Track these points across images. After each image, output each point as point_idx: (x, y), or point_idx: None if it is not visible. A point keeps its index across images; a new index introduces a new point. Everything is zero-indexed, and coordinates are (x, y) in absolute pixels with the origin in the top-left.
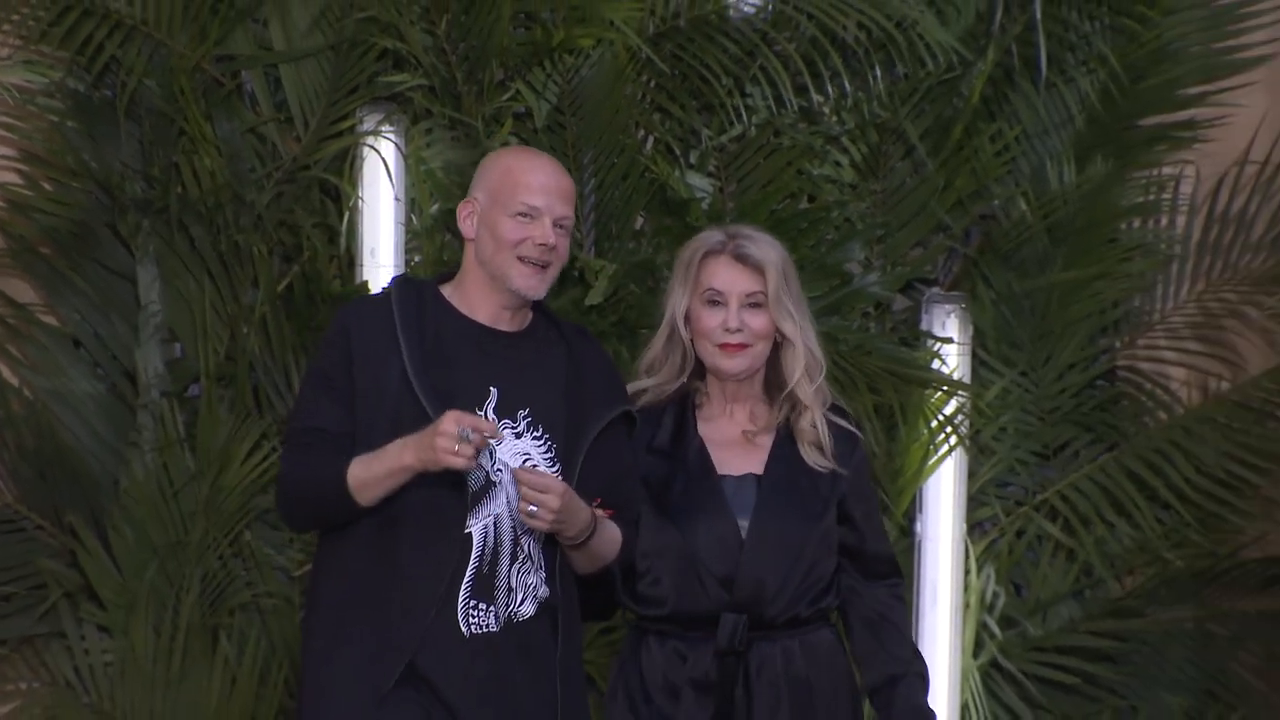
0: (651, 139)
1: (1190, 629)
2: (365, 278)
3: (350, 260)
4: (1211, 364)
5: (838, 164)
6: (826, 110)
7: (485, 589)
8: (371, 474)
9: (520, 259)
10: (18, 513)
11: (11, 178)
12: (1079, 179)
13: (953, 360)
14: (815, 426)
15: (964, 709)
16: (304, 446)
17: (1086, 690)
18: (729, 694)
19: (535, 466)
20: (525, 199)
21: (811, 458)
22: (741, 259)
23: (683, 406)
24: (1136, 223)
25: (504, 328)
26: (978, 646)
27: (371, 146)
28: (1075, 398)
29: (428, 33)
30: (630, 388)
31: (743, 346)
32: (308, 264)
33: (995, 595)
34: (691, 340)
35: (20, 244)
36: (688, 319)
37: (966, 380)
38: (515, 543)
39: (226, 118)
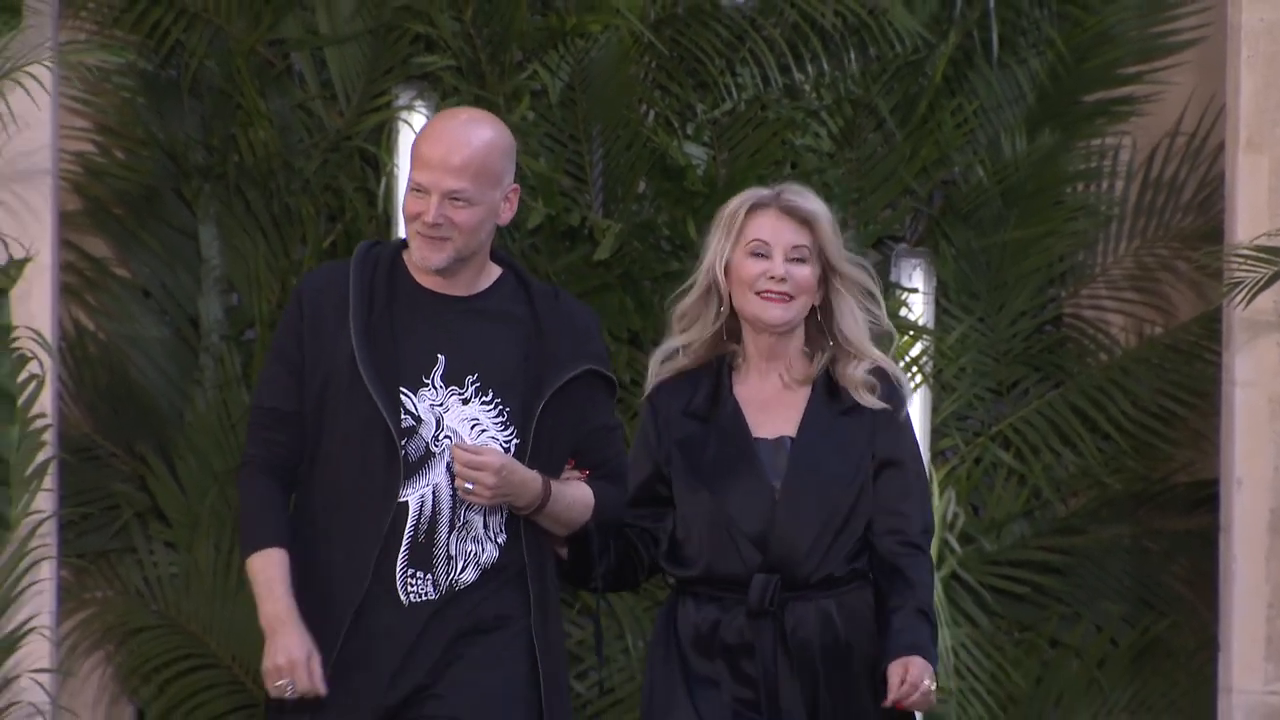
0: (653, 113)
1: (1127, 545)
2: (400, 235)
3: (387, 220)
4: (1146, 311)
5: (817, 135)
6: (807, 88)
7: (423, 558)
8: (254, 586)
9: (417, 233)
10: (95, 442)
11: (88, 147)
12: (1030, 148)
13: (918, 308)
14: (862, 372)
15: None
16: (262, 429)
17: (1036, 599)
18: (763, 655)
19: (484, 432)
20: (414, 174)
21: (864, 400)
22: (790, 211)
23: (719, 370)
24: (1080, 187)
25: (457, 292)
26: (940, 561)
27: (405, 120)
28: (1026, 341)
29: (456, 19)
30: (662, 348)
31: (787, 297)
32: (349, 223)
33: (956, 515)
34: (730, 292)
35: (96, 205)
36: (728, 271)
37: (930, 326)
38: (454, 511)
39: (278, 94)
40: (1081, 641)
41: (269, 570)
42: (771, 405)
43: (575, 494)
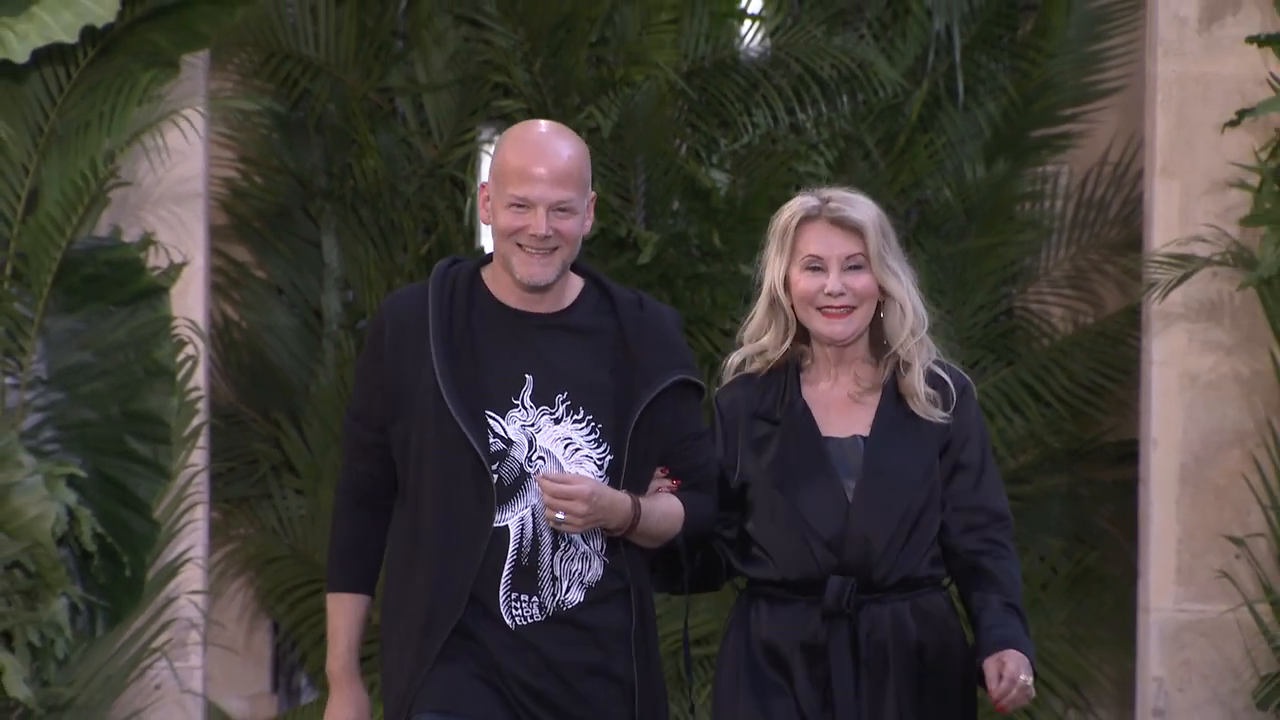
0: (685, 146)
1: (1065, 492)
2: (481, 244)
3: (471, 232)
4: (1080, 305)
5: (816, 164)
6: (809, 126)
7: (527, 580)
8: (328, 628)
9: (519, 246)
10: (238, 410)
11: (233, 174)
12: (987, 175)
13: None
14: (919, 379)
15: None
16: (349, 454)
17: None
18: (838, 658)
19: (578, 450)
20: (515, 190)
21: (921, 409)
22: (839, 222)
23: (787, 371)
24: (1027, 205)
25: (541, 309)
26: None
27: (487, 152)
28: (984, 329)
29: (527, 71)
30: (735, 356)
31: (848, 310)
32: (442, 235)
33: None
34: (793, 306)
35: (239, 221)
36: (787, 285)
37: None
38: (557, 531)
39: (385, 131)
40: (1028, 570)
41: (336, 619)
42: (842, 407)
43: (664, 508)
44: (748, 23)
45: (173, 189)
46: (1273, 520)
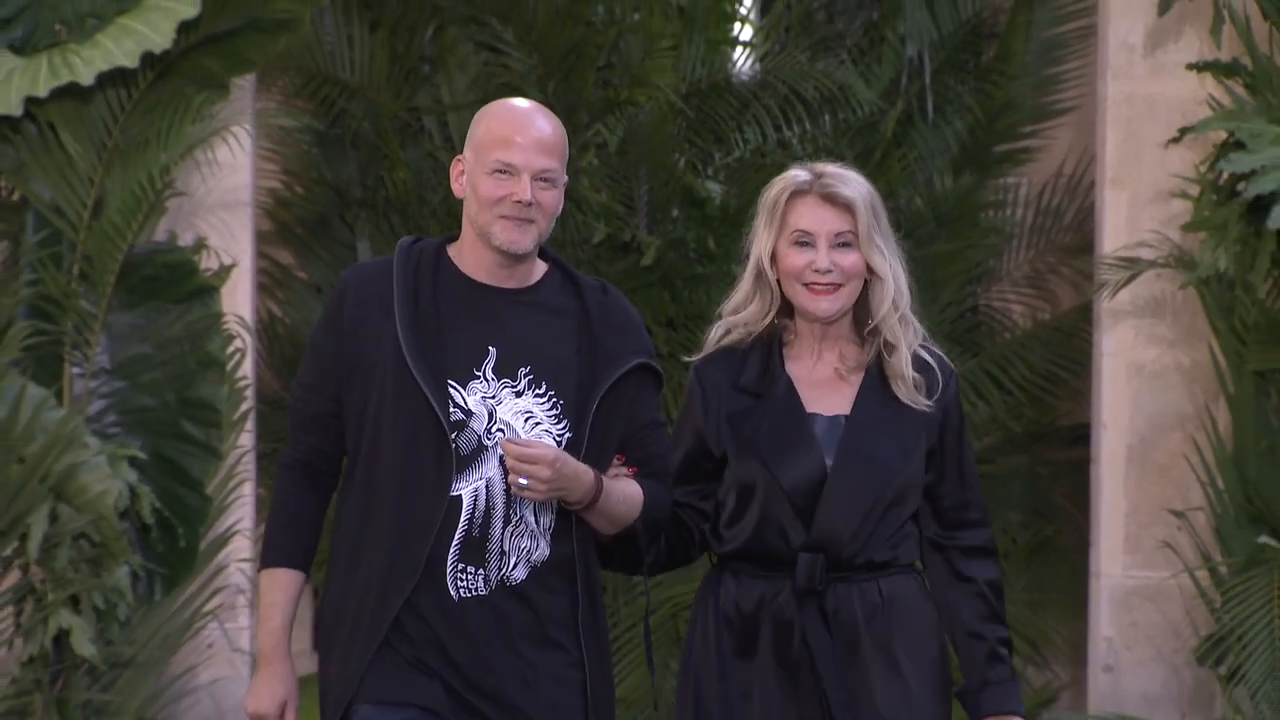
0: (683, 159)
1: (1024, 471)
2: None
3: None
4: (1038, 302)
5: None
6: (794, 141)
7: (475, 553)
8: (261, 603)
9: (502, 216)
10: (281, 396)
11: (277, 185)
12: (954, 186)
13: None
14: (906, 363)
15: None
16: (295, 429)
17: None
18: (806, 635)
19: (538, 424)
20: (501, 156)
21: (905, 394)
22: (830, 198)
23: (769, 345)
24: (991, 213)
25: (507, 284)
26: None
27: None
28: (952, 324)
29: (541, 92)
30: (717, 327)
31: (834, 288)
32: None
33: None
34: (779, 280)
35: (283, 227)
36: (774, 259)
37: None
38: (509, 505)
39: (413, 147)
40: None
41: (272, 594)
42: (825, 385)
43: (625, 490)
44: (740, 49)
45: (222, 198)
46: (1210, 496)
